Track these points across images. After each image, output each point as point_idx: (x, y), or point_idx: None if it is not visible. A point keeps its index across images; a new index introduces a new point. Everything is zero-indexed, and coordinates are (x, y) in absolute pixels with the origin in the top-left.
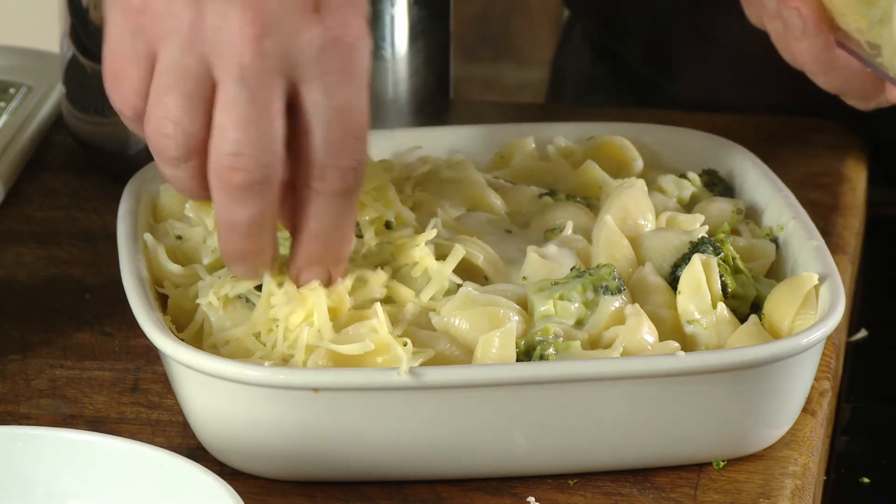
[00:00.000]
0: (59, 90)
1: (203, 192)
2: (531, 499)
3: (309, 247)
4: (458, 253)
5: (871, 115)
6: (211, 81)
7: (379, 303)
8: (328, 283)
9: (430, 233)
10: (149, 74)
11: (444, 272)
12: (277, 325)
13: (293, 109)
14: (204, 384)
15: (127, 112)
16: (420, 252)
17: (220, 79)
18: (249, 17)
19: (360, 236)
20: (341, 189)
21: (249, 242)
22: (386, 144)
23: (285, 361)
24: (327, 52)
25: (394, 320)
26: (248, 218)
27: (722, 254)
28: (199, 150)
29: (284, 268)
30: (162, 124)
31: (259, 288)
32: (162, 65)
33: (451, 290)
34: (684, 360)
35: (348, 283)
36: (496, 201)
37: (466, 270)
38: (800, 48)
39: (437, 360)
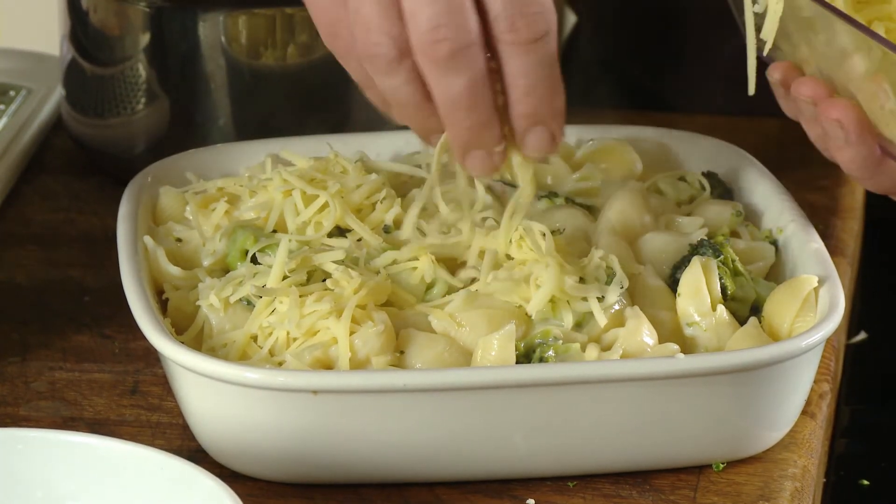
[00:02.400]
0: (58, 92)
1: (424, 96)
2: (531, 501)
3: (525, 107)
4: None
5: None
6: None
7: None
8: (553, 144)
9: (428, 240)
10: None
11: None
12: (274, 331)
13: None
14: (204, 386)
15: (353, 55)
16: (420, 261)
17: None
18: None
19: (359, 239)
20: (534, 36)
21: (474, 113)
22: (386, 146)
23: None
24: None
25: (394, 321)
26: (466, 85)
27: (721, 256)
28: (408, 49)
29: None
30: (369, 37)
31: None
32: None
33: (452, 289)
34: (684, 362)
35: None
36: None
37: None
38: (843, 157)
39: (437, 362)
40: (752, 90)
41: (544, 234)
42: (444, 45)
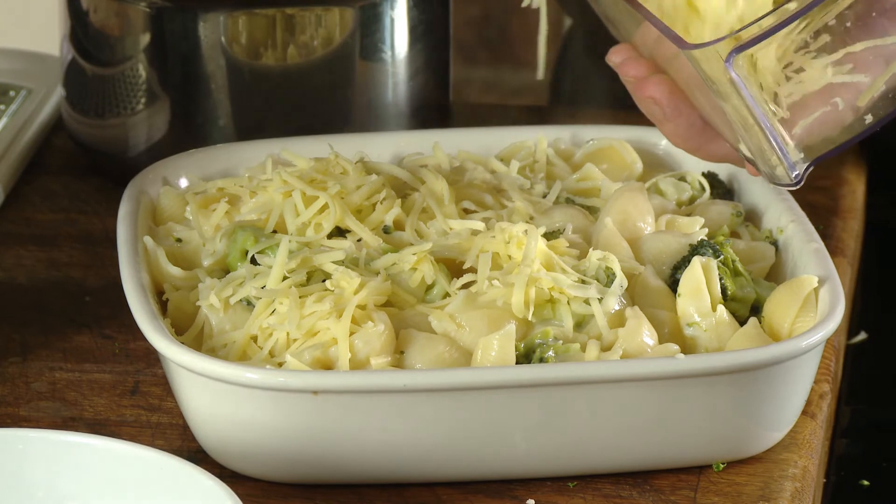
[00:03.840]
0: (59, 93)
1: None
2: (531, 501)
3: None
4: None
5: None
6: None
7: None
8: None
9: (427, 244)
10: None
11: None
12: (274, 332)
13: None
14: (204, 387)
15: None
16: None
17: None
18: None
19: (359, 239)
20: None
21: None
22: (386, 147)
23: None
24: None
25: (394, 321)
26: None
27: (721, 256)
28: None
29: None
30: None
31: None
32: None
33: (450, 286)
34: (684, 362)
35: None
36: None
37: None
38: (666, 131)
39: (437, 363)
40: (540, 74)
41: (542, 236)
42: None
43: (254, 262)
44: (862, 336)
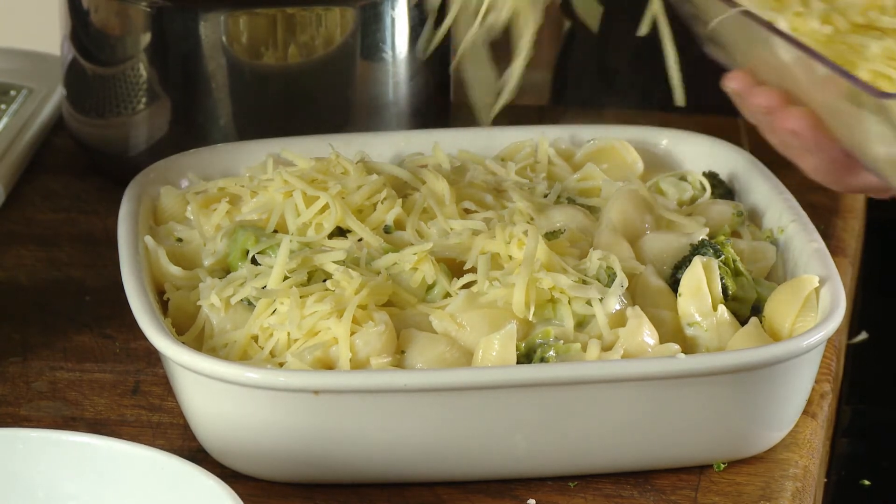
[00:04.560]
0: (59, 92)
1: None
2: (532, 501)
3: None
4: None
5: None
6: None
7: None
8: None
9: (428, 244)
10: None
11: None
12: (274, 332)
13: None
14: (205, 386)
15: None
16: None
17: None
18: None
19: (360, 239)
20: None
21: None
22: (386, 146)
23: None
24: None
25: (395, 321)
26: None
27: (722, 256)
28: None
29: None
30: None
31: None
32: None
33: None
34: (685, 362)
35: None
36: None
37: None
38: (806, 165)
39: (438, 363)
40: (681, 100)
41: (540, 235)
42: None
43: (254, 261)
44: (863, 336)
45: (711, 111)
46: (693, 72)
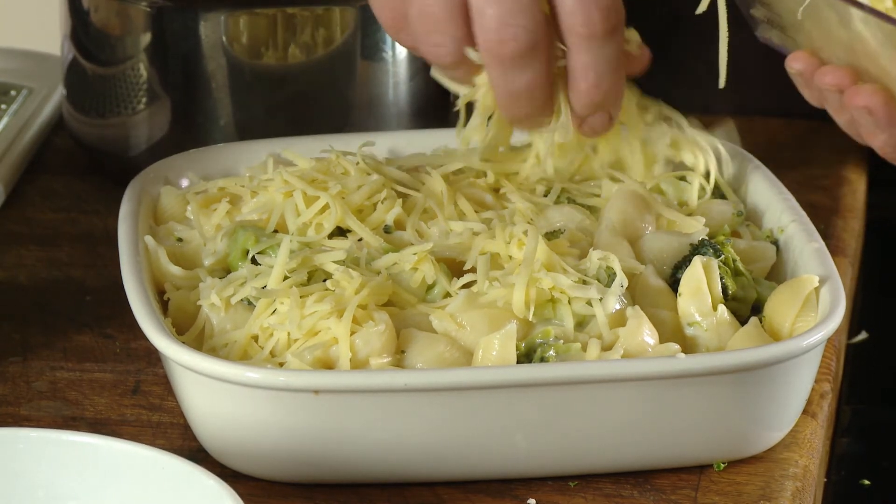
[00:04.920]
0: (59, 92)
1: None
2: (532, 501)
3: (591, 97)
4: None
5: None
6: None
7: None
8: (610, 125)
9: (428, 244)
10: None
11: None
12: (274, 332)
13: None
14: (205, 386)
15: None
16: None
17: None
18: None
19: (360, 239)
20: (607, 28)
21: (531, 104)
22: (386, 146)
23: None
24: None
25: (395, 321)
26: (527, 82)
27: (722, 256)
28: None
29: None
30: (432, 38)
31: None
32: None
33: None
34: (685, 362)
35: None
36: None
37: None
38: (876, 142)
39: (438, 362)
40: (722, 82)
41: (541, 235)
42: (510, 45)
43: (254, 261)
44: (863, 336)
45: (711, 112)
46: (695, 72)
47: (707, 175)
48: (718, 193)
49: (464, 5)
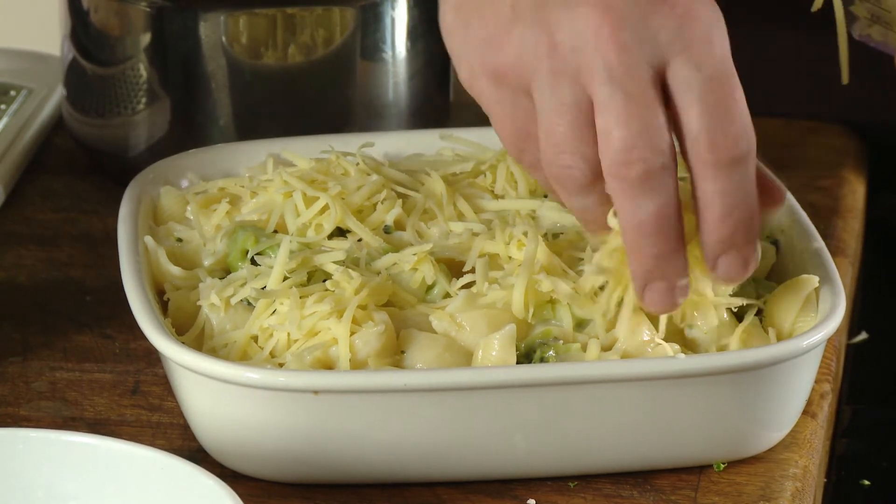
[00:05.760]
0: (59, 92)
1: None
2: (531, 501)
3: (721, 231)
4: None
5: (871, 118)
6: (587, 99)
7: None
8: (746, 271)
9: (427, 244)
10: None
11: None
12: (274, 332)
13: (665, 95)
14: (204, 386)
15: (538, 166)
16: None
17: (592, 89)
18: (600, 19)
19: (359, 239)
20: (737, 155)
21: (662, 240)
22: (386, 146)
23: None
24: (684, 27)
25: (395, 321)
26: (656, 210)
27: None
28: (600, 171)
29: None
30: (561, 159)
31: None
32: (538, 108)
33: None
34: (684, 362)
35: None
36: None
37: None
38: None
39: (438, 363)
40: (845, 79)
41: (542, 236)
42: (637, 168)
43: (254, 262)
44: (863, 336)
45: None
46: None
47: None
48: None
49: (591, 126)
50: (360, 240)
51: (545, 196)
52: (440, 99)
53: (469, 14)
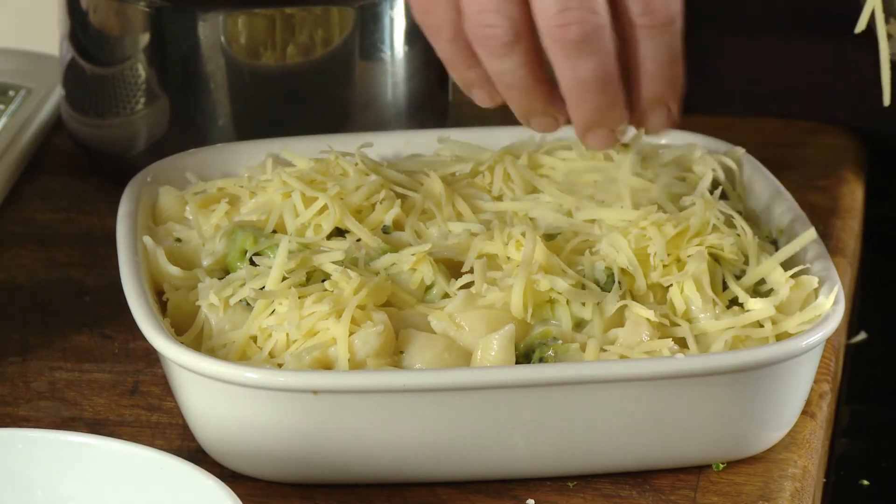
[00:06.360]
0: (58, 92)
1: (535, 82)
2: (531, 501)
3: (653, 89)
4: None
5: (870, 118)
6: None
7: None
8: (672, 122)
9: (426, 245)
10: None
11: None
12: (273, 332)
13: None
14: (203, 386)
15: (446, 32)
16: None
17: None
18: None
19: (358, 240)
20: (667, 19)
21: (603, 95)
22: (385, 146)
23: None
24: None
25: (394, 321)
26: (595, 69)
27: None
28: (524, 32)
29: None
30: (484, 17)
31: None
32: None
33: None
34: (683, 362)
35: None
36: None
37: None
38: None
39: (437, 363)
40: (886, 101)
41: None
42: (574, 29)
43: (252, 262)
44: (862, 336)
45: (711, 112)
46: (695, 74)
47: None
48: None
49: None
50: (358, 240)
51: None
52: (439, 99)
53: None
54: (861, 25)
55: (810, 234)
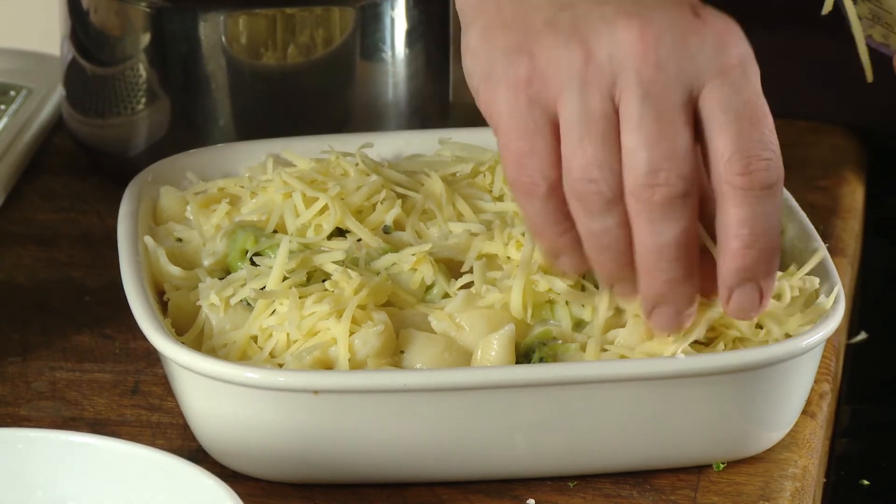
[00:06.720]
0: (59, 92)
1: (628, 246)
2: (531, 501)
3: (741, 260)
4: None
5: (870, 118)
6: (616, 113)
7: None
8: (761, 307)
9: (427, 245)
10: (556, 139)
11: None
12: (273, 332)
13: (696, 117)
14: (204, 386)
15: (542, 185)
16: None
17: (624, 104)
18: (638, 34)
19: (359, 240)
20: (769, 181)
21: (679, 267)
22: (385, 147)
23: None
24: (721, 53)
25: (394, 321)
26: (676, 236)
27: None
28: (622, 191)
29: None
30: (587, 171)
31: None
32: (566, 118)
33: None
34: (684, 362)
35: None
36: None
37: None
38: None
39: (437, 363)
40: (869, 77)
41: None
42: (661, 191)
43: (253, 262)
44: (862, 336)
45: None
46: None
47: None
48: None
49: (618, 143)
50: (359, 240)
51: None
52: (439, 99)
53: (496, 31)
54: (828, 6)
55: (819, 254)
